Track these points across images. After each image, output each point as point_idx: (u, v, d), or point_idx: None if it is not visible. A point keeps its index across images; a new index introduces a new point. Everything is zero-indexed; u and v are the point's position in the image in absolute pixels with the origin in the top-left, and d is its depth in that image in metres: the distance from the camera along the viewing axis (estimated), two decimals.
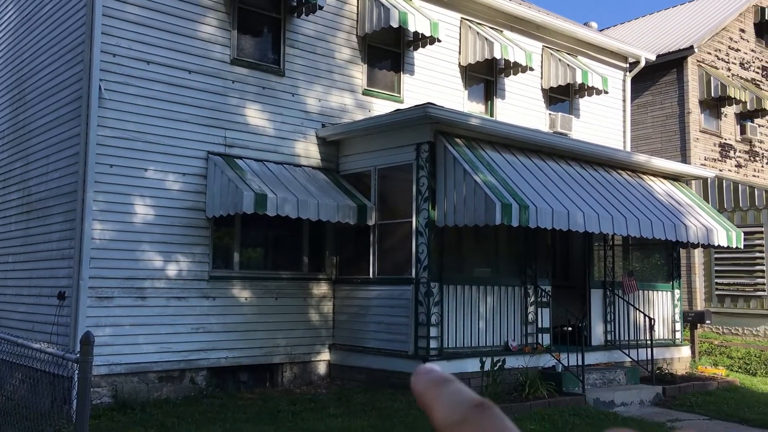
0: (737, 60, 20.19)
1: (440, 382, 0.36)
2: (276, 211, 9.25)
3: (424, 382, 0.37)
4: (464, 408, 0.34)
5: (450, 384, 0.36)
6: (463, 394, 0.35)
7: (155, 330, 9.12)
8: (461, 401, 0.35)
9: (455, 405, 0.35)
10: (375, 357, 10.07)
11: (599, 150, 11.60)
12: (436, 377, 0.37)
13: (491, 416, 0.34)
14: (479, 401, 0.34)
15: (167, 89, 9.45)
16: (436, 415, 0.35)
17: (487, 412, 0.34)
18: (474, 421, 0.33)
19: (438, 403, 0.35)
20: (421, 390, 0.37)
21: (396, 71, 12.15)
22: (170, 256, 9.31)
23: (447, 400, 0.35)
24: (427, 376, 0.37)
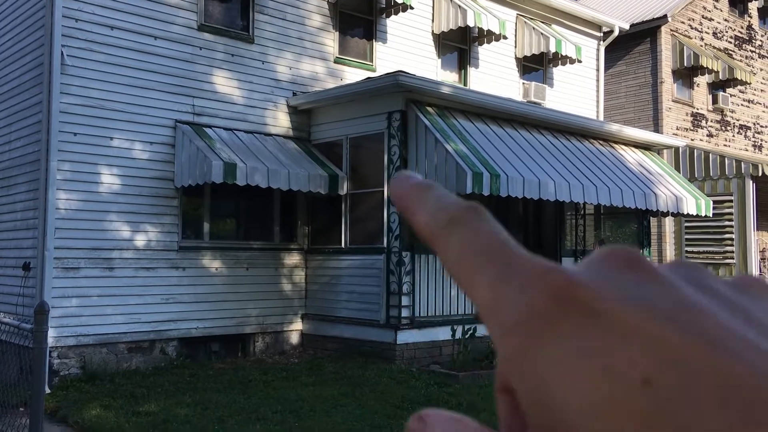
0: (710, 29, 20.26)
1: (424, 186, 0.32)
2: (246, 180, 9.15)
3: (406, 185, 0.33)
4: (454, 209, 0.30)
5: (434, 188, 0.32)
6: (451, 197, 0.32)
7: (124, 301, 9.03)
8: (450, 203, 0.31)
9: (443, 206, 0.31)
10: (347, 326, 10.09)
11: (572, 119, 11.60)
12: (420, 181, 0.33)
13: (485, 219, 0.30)
14: (470, 203, 0.31)
15: (133, 56, 9.24)
16: (420, 217, 0.31)
17: (479, 213, 0.30)
18: (465, 221, 0.30)
19: (423, 204, 0.31)
20: (402, 192, 0.33)
21: (368, 39, 11.99)
22: (138, 227, 9.19)
23: (433, 202, 0.31)
24: (409, 179, 0.33)
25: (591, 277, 0.26)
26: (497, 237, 0.29)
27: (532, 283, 0.26)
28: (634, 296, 0.26)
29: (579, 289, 0.26)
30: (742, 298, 0.28)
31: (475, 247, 0.28)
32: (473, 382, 8.89)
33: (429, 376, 9.00)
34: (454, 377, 8.97)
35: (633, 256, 0.28)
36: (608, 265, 0.27)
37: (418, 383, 8.69)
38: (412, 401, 7.81)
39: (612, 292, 0.26)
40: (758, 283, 0.30)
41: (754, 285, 0.30)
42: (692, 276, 0.28)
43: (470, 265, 0.28)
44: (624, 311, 0.25)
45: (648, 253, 13.48)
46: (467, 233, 0.29)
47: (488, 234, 0.29)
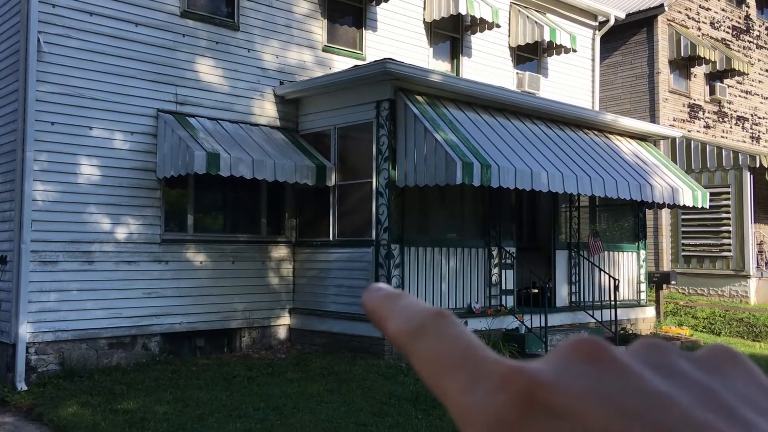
0: (708, 19, 19.99)
1: (394, 296, 0.35)
2: (230, 171, 8.89)
3: (378, 297, 0.35)
4: (422, 317, 0.32)
5: (404, 297, 0.34)
6: (419, 305, 0.33)
7: (104, 295, 8.78)
8: (418, 311, 0.33)
9: (412, 315, 0.33)
10: (335, 321, 9.85)
11: (565, 109, 11.35)
12: (390, 292, 0.35)
13: (450, 323, 0.32)
14: (437, 310, 0.33)
15: (112, 42, 8.96)
16: (391, 325, 0.33)
17: (445, 319, 0.32)
18: (432, 328, 0.31)
19: (393, 314, 0.34)
20: (374, 304, 0.35)
21: (358, 27, 11.72)
22: (119, 219, 8.93)
23: (403, 312, 0.34)
24: (380, 291, 0.35)
25: (555, 374, 0.27)
26: (463, 341, 0.29)
27: (498, 386, 0.27)
28: (597, 392, 0.26)
29: (541, 389, 0.26)
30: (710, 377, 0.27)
31: (444, 354, 0.29)
32: None
33: None
34: None
35: (597, 347, 0.28)
36: (572, 359, 0.28)
37: (406, 379, 8.46)
38: (399, 397, 7.58)
39: (575, 389, 0.26)
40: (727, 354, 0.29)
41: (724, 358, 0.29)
42: (658, 360, 0.28)
43: (440, 372, 0.29)
44: (586, 410, 0.25)
45: (644, 246, 13.25)
46: (435, 340, 0.30)
47: (454, 339, 0.30)
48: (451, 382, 0.29)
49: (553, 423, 0.25)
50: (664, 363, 0.28)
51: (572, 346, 0.29)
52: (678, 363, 0.28)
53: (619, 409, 0.25)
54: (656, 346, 0.30)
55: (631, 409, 0.24)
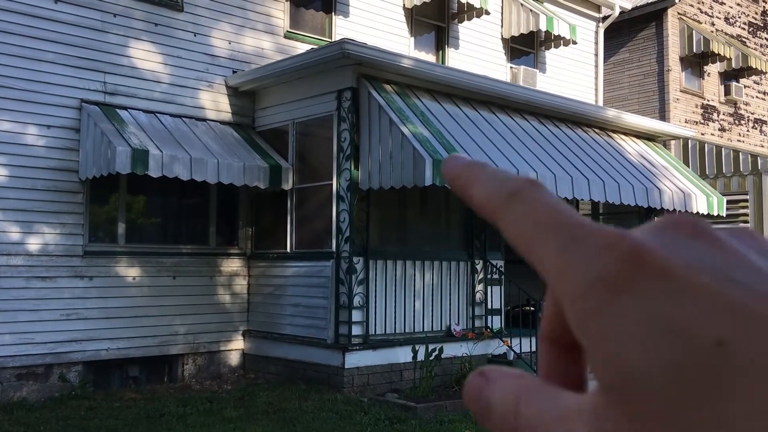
0: (722, 14, 18.56)
1: (478, 164, 0.32)
2: (161, 171, 7.56)
3: (460, 164, 0.33)
4: (515, 182, 0.30)
5: (487, 166, 0.32)
6: (507, 173, 0.31)
7: (12, 317, 7.44)
8: (508, 177, 0.31)
9: (502, 180, 0.30)
10: (291, 346, 8.48)
11: (561, 102, 9.96)
12: (471, 160, 0.33)
13: (545, 190, 0.30)
14: (530, 178, 0.30)
15: (25, 21, 7.68)
16: (479, 190, 0.31)
17: (540, 186, 0.30)
18: (527, 193, 0.29)
19: (479, 181, 0.31)
20: (456, 170, 0.32)
21: (327, 12, 10.40)
22: (30, 227, 7.61)
23: (491, 177, 0.31)
24: (459, 159, 0.33)
25: (658, 243, 0.26)
26: (559, 207, 0.29)
27: (602, 248, 0.26)
28: (704, 262, 0.26)
29: (650, 253, 0.26)
30: None
31: (539, 219, 0.28)
32: (435, 416, 7.25)
33: (381, 409, 7.36)
34: (412, 410, 7.33)
35: (699, 224, 0.28)
36: (675, 233, 0.27)
37: (365, 419, 7.06)
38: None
39: (683, 257, 0.26)
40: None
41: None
42: (754, 243, 0.28)
43: (535, 236, 0.28)
44: (696, 274, 0.25)
45: None
46: (528, 205, 0.29)
47: (550, 204, 0.29)
48: (547, 245, 0.27)
49: (660, 284, 0.25)
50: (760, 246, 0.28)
51: (674, 222, 0.28)
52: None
53: (724, 276, 0.25)
54: (751, 233, 0.29)
55: (737, 278, 0.25)
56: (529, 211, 0.28)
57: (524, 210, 0.29)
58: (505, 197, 0.29)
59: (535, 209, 0.28)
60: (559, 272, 0.27)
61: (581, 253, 0.26)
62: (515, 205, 0.29)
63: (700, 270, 0.25)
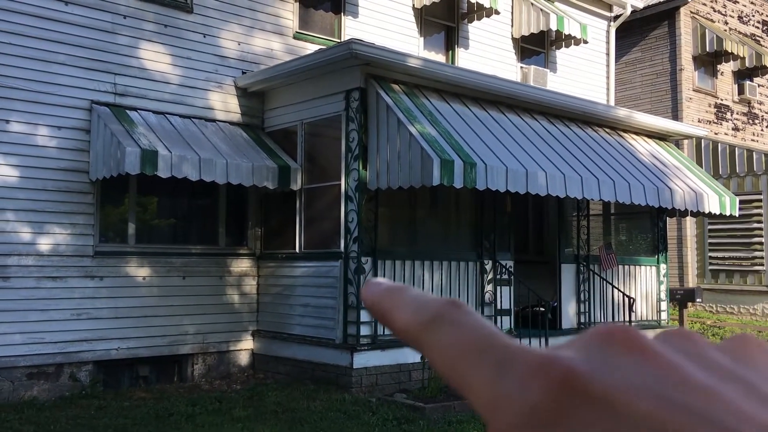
0: (735, 13, 18.40)
1: (397, 288, 0.31)
2: (170, 171, 7.60)
3: (379, 290, 0.32)
4: (434, 306, 0.29)
5: (408, 289, 0.31)
6: (428, 296, 0.30)
7: (22, 317, 7.50)
8: (428, 301, 0.30)
9: (422, 305, 0.29)
10: (300, 346, 8.49)
11: (570, 102, 9.91)
12: (392, 284, 0.32)
13: (467, 312, 0.28)
14: (450, 299, 0.29)
15: (37, 23, 7.74)
16: (399, 317, 0.30)
17: (461, 308, 0.28)
18: (448, 317, 0.28)
19: (400, 306, 0.30)
20: (376, 297, 0.31)
21: (336, 12, 10.41)
22: (42, 228, 7.67)
23: (411, 303, 0.30)
24: (381, 284, 0.32)
25: (590, 364, 0.25)
26: (484, 331, 0.27)
27: (531, 375, 0.25)
28: (638, 383, 0.24)
29: (582, 377, 0.24)
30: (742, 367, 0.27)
31: (464, 344, 0.27)
32: (443, 416, 7.23)
33: (389, 409, 7.36)
34: (420, 410, 7.32)
35: (632, 336, 0.26)
36: (607, 349, 0.26)
37: (373, 419, 7.06)
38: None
39: (614, 378, 0.24)
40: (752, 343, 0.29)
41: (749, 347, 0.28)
42: (689, 349, 0.27)
43: (462, 364, 0.27)
44: (635, 400, 0.24)
45: (664, 259, 11.71)
46: (453, 330, 0.27)
47: (475, 328, 0.27)
48: (474, 373, 0.26)
49: (593, 414, 0.23)
50: (696, 353, 0.26)
51: (603, 335, 0.26)
52: (709, 353, 0.27)
53: (664, 400, 0.23)
54: (685, 335, 0.28)
55: (677, 401, 0.23)
56: (453, 336, 0.27)
57: (448, 334, 0.27)
58: (427, 321, 0.28)
59: (460, 333, 0.27)
60: (490, 406, 0.25)
61: (512, 379, 0.25)
62: (438, 330, 0.28)
63: (638, 393, 0.23)
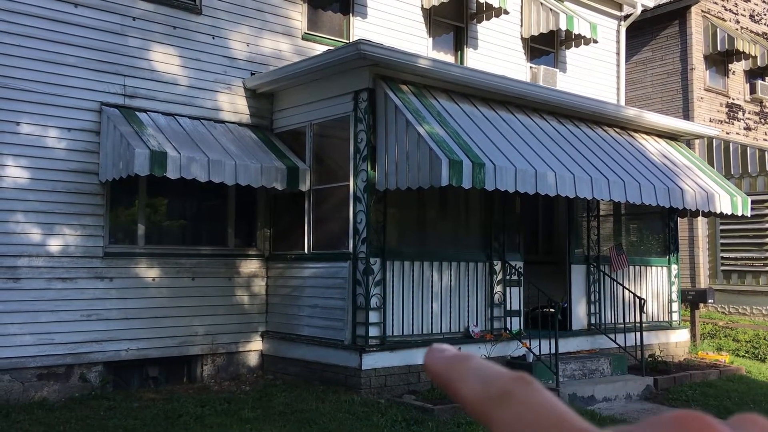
0: (747, 11, 18.27)
1: (462, 357, 0.31)
2: (179, 173, 7.61)
3: (443, 358, 0.32)
4: (503, 381, 0.29)
5: (473, 358, 0.31)
6: (494, 368, 0.31)
7: (33, 318, 7.54)
8: (496, 374, 0.30)
9: (489, 378, 0.30)
10: (309, 347, 8.49)
11: (580, 101, 9.86)
12: (456, 353, 0.32)
13: (536, 389, 0.29)
14: (519, 374, 0.29)
15: (46, 25, 7.78)
16: (466, 390, 0.30)
17: (531, 385, 0.29)
18: (517, 394, 0.28)
19: (466, 377, 0.30)
20: (440, 366, 0.31)
21: (344, 13, 10.41)
22: (51, 229, 7.71)
23: (477, 374, 0.30)
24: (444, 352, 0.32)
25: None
26: (557, 410, 0.27)
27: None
28: None
29: None
30: None
31: (537, 424, 0.26)
32: (452, 418, 7.21)
33: (398, 410, 7.34)
34: (429, 412, 7.30)
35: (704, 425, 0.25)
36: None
37: (382, 420, 7.05)
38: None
39: None
40: None
41: None
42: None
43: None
44: None
45: (675, 260, 11.64)
46: (522, 407, 0.27)
47: (546, 407, 0.27)
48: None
49: None
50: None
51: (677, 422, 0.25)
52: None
53: None
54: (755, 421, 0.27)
55: None
56: (525, 414, 0.27)
57: (519, 413, 0.27)
58: (496, 397, 0.28)
59: (532, 412, 0.27)
60: None
61: None
62: (509, 407, 0.27)
63: None
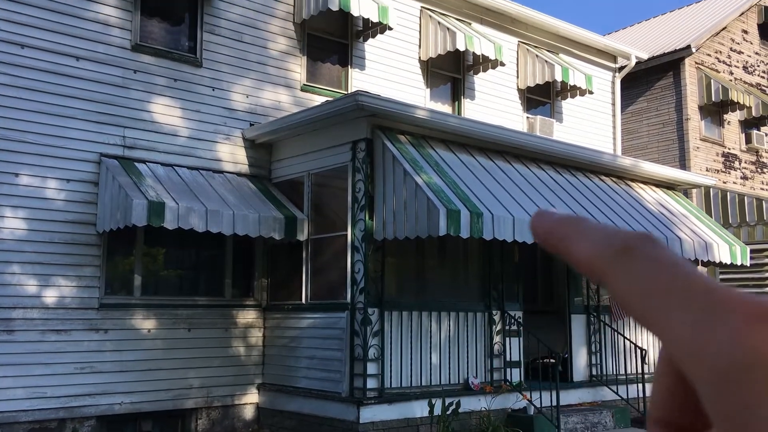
0: (740, 63, 18.57)
1: (574, 217, 0.28)
2: (177, 223, 7.61)
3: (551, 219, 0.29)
4: (624, 237, 0.26)
5: (587, 220, 0.28)
6: (611, 227, 0.27)
7: (26, 371, 7.43)
8: (615, 231, 0.27)
9: (609, 235, 0.26)
10: (306, 399, 8.35)
11: (576, 151, 9.93)
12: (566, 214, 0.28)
13: (662, 246, 0.26)
14: (643, 232, 0.26)
15: (48, 78, 7.88)
16: (581, 247, 0.26)
17: (656, 242, 0.26)
18: (643, 250, 0.25)
19: (580, 235, 0.27)
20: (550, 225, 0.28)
21: (343, 65, 10.57)
22: (48, 280, 7.66)
23: (594, 232, 0.27)
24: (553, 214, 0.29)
25: None
26: (683, 268, 0.25)
27: (749, 324, 0.22)
28: None
29: None
30: None
31: (660, 281, 0.24)
32: None
33: None
34: None
35: None
36: None
37: None
38: None
39: None
40: None
41: None
42: None
43: (657, 301, 0.24)
44: None
45: None
46: (645, 265, 0.25)
47: (671, 265, 0.25)
48: (672, 315, 0.23)
49: None
50: None
51: None
52: None
53: None
54: None
55: None
56: (647, 272, 0.25)
57: (641, 270, 0.25)
58: (615, 254, 0.26)
59: (657, 270, 0.25)
60: (693, 349, 0.23)
61: (721, 323, 0.22)
62: (629, 264, 0.25)
63: None
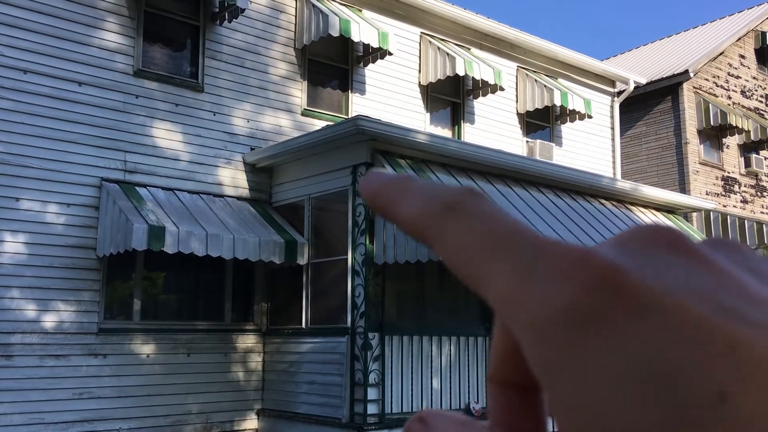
0: (738, 87, 18.69)
1: (403, 177, 0.26)
2: (177, 247, 7.60)
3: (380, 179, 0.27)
4: (449, 194, 0.25)
5: (416, 179, 0.26)
6: (440, 185, 0.26)
7: (23, 396, 7.38)
8: (441, 189, 0.25)
9: (434, 193, 0.25)
10: (305, 425, 8.27)
11: (576, 175, 9.96)
12: (397, 174, 0.27)
13: (487, 201, 0.24)
14: (469, 187, 0.25)
15: (50, 103, 7.93)
16: (406, 207, 0.25)
17: (481, 197, 0.25)
18: (466, 205, 0.24)
19: (407, 195, 0.25)
20: (377, 187, 0.26)
21: (343, 90, 10.64)
22: (47, 305, 7.63)
23: (420, 192, 0.25)
24: (383, 174, 0.27)
25: (634, 262, 0.21)
26: (509, 221, 0.23)
27: (566, 270, 0.21)
28: (693, 287, 0.21)
29: (626, 276, 0.21)
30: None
31: (486, 236, 0.23)
32: None
33: None
34: None
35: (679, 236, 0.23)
36: (651, 249, 0.22)
37: None
38: None
39: (666, 281, 0.21)
40: None
41: None
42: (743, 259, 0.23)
43: (481, 257, 0.23)
44: (688, 305, 0.20)
45: None
46: (471, 220, 0.24)
47: (497, 219, 0.24)
48: (495, 266, 0.22)
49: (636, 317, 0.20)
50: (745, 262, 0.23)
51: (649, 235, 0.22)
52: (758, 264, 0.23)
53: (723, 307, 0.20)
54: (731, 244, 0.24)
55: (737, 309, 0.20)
56: (473, 227, 0.23)
57: (466, 226, 0.24)
58: (440, 211, 0.24)
59: (480, 224, 0.23)
60: (513, 301, 0.22)
61: (540, 277, 0.21)
62: (454, 221, 0.24)
63: (691, 298, 0.20)
